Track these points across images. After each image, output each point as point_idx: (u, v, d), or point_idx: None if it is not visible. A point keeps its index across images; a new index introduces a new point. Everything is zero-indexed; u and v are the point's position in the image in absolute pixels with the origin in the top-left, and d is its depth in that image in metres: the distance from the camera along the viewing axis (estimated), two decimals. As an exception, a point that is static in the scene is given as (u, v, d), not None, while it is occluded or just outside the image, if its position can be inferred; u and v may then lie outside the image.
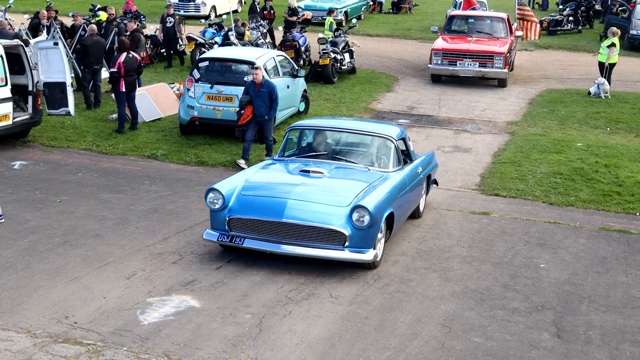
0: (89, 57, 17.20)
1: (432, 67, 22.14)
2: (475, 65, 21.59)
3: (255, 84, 14.02)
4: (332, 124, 11.97)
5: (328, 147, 11.38)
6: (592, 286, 9.60)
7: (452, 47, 22.05)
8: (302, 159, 11.09)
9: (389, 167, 10.89)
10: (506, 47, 21.82)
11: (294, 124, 11.76)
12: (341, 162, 10.91)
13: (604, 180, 13.81)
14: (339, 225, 9.46)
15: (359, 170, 10.71)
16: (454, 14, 24.68)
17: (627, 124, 18.12)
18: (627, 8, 30.54)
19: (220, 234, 9.84)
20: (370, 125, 11.96)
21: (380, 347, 7.86)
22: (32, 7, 33.31)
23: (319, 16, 32.73)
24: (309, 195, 9.79)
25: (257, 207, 9.75)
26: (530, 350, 7.94)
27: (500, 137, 16.91)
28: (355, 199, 9.71)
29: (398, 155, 11.10)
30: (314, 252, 9.48)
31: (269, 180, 10.54)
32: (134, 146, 15.13)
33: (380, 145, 11.19)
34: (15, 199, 11.97)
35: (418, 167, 11.58)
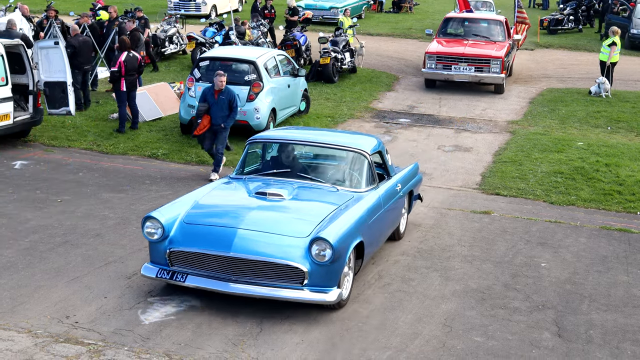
0: (79, 58, 16.96)
1: (425, 71, 21.26)
2: (471, 69, 20.70)
3: (215, 91, 13.12)
4: (297, 137, 10.50)
5: (292, 163, 10.12)
6: (593, 285, 9.60)
7: (447, 50, 21.21)
8: (262, 177, 9.87)
9: (361, 187, 9.66)
10: (503, 51, 20.97)
11: (254, 136, 10.48)
12: (306, 181, 9.63)
13: (605, 179, 13.80)
14: (296, 260, 8.17)
15: (326, 191, 9.46)
16: (450, 16, 23.79)
17: (628, 123, 18.12)
18: (628, 7, 30.52)
19: (160, 269, 8.59)
20: (342, 138, 10.54)
21: (381, 347, 7.86)
22: (32, 6, 33.31)
23: (320, 15, 32.75)
24: (263, 223, 8.53)
25: (201, 238, 8.48)
26: (531, 350, 7.94)
27: (501, 137, 16.91)
28: (317, 228, 8.44)
29: (372, 173, 9.88)
30: (268, 291, 8.21)
31: (218, 205, 9.30)
32: (135, 146, 15.13)
33: (351, 161, 9.92)
34: (16, 199, 11.97)
35: (397, 185, 10.43)
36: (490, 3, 31.05)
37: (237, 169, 10.14)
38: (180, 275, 8.45)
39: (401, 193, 10.54)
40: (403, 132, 17.20)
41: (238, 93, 15.23)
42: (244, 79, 15.52)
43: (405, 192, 10.76)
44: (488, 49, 21.06)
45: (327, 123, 17.43)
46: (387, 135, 16.85)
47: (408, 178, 11.06)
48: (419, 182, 11.66)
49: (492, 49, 21.09)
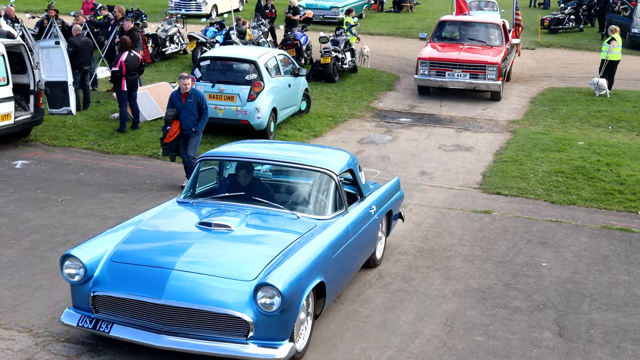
0: (79, 58, 16.93)
1: (418, 77, 20.23)
2: (466, 76, 19.69)
3: (182, 95, 12.50)
4: (254, 154, 9.13)
5: (248, 184, 8.91)
6: (594, 285, 9.60)
7: (440, 56, 20.17)
8: (213, 201, 8.66)
9: (326, 213, 8.46)
10: (500, 56, 19.95)
11: (206, 153, 9.34)
12: (262, 207, 8.41)
13: (606, 178, 13.80)
14: (239, 309, 6.93)
15: (285, 219, 8.26)
16: (445, 20, 22.56)
17: (629, 123, 18.11)
18: (629, 6, 30.52)
19: (83, 315, 7.38)
20: (307, 155, 9.20)
21: (382, 346, 7.86)
22: (33, 6, 33.32)
23: (321, 15, 32.75)
24: (203, 262, 7.30)
25: (130, 281, 7.25)
26: (532, 349, 7.94)
27: (502, 136, 16.91)
28: (266, 269, 7.20)
29: (340, 195, 8.68)
30: (206, 345, 7.00)
31: (155, 238, 8.03)
32: (136, 145, 15.13)
33: (316, 182, 8.71)
34: (17, 198, 11.98)
35: (371, 207, 9.32)
36: (493, 3, 30.97)
37: (186, 191, 8.90)
38: (104, 325, 7.24)
39: (376, 216, 9.43)
40: (404, 131, 17.20)
41: (239, 92, 15.32)
42: (245, 79, 15.53)
43: (382, 214, 9.69)
44: (484, 55, 20.08)
45: (328, 122, 17.44)
46: (388, 134, 16.85)
47: (386, 197, 9.99)
48: (400, 200, 10.66)
49: (489, 54, 20.08)
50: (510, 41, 21.62)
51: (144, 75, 18.54)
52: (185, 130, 12.57)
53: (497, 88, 19.82)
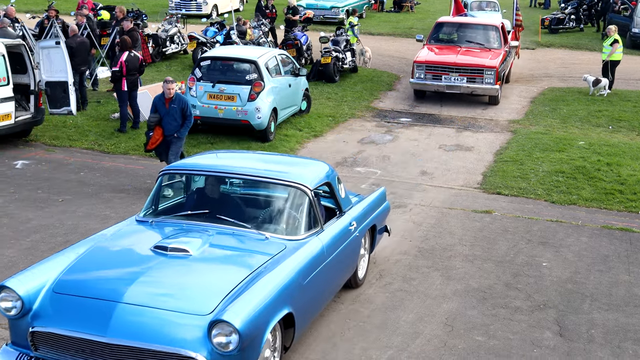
0: (75, 59, 16.78)
1: (414, 81, 19.59)
2: (463, 80, 19.10)
3: (165, 100, 12.18)
4: (220, 167, 8.31)
5: (213, 201, 8.16)
6: (595, 285, 9.60)
7: (437, 59, 19.57)
8: (174, 220, 7.83)
9: (298, 233, 7.68)
10: (498, 59, 19.40)
11: (168, 166, 8.73)
12: (228, 227, 7.57)
13: (606, 178, 13.80)
14: (193, 348, 6.10)
15: (252, 240, 7.45)
16: (442, 21, 21.91)
17: (629, 122, 18.11)
18: (629, 6, 30.52)
19: (21, 354, 6.53)
20: (279, 167, 8.38)
21: (382, 346, 7.86)
22: (33, 6, 33.32)
23: (321, 15, 32.76)
24: (154, 294, 6.43)
25: (72, 315, 6.38)
26: (532, 349, 7.94)
27: (502, 136, 16.91)
28: (224, 301, 6.33)
29: (314, 213, 7.91)
30: None
31: (105, 264, 7.10)
32: (136, 145, 15.12)
33: (287, 198, 7.94)
34: (17, 198, 11.98)
35: (351, 223, 8.58)
36: (495, 3, 30.93)
37: (146, 208, 8.06)
38: None
39: (357, 233, 8.70)
40: (404, 131, 17.19)
41: (239, 92, 15.32)
42: (245, 79, 15.53)
43: (364, 230, 9.02)
44: (481, 58, 19.49)
45: (328, 122, 17.44)
46: (388, 134, 16.85)
47: (369, 211, 9.31)
48: (386, 212, 9.99)
49: (487, 57, 19.51)
50: (509, 43, 21.17)
51: (145, 76, 18.54)
52: (167, 135, 12.28)
53: (495, 92, 19.27)
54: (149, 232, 7.65)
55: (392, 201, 12.45)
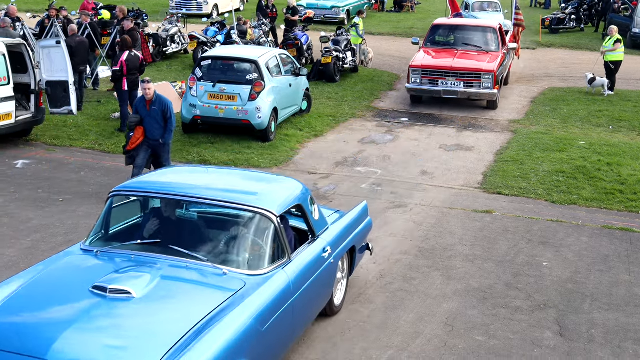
0: (75, 58, 16.76)
1: (410, 86, 19.07)
2: (460, 84, 18.57)
3: (146, 102, 11.80)
4: (175, 187, 7.34)
5: (167, 227, 7.28)
6: (595, 284, 9.60)
7: (433, 63, 19.05)
8: (122, 250, 6.89)
9: (260, 266, 6.79)
10: (496, 63, 18.91)
11: (118, 187, 7.58)
12: (182, 259, 6.66)
13: (607, 178, 13.80)
14: None
15: (207, 276, 6.52)
16: (438, 23, 21.33)
17: (630, 122, 18.11)
18: (630, 6, 30.52)
19: None
20: (242, 190, 7.40)
21: (383, 346, 7.86)
22: (34, 5, 33.34)
23: (322, 14, 32.77)
24: (83, 349, 5.48)
25: None
26: (532, 349, 7.94)
27: (503, 136, 16.91)
28: (168, 356, 5.47)
29: (280, 242, 7.02)
30: None
31: (34, 306, 6.12)
32: (137, 145, 15.12)
33: (250, 226, 7.04)
34: (17, 198, 11.99)
35: (325, 249, 7.75)
36: (496, 4, 30.87)
37: (94, 234, 7.19)
38: None
39: (332, 259, 7.89)
40: (405, 131, 17.19)
41: (240, 92, 15.31)
42: (246, 78, 15.53)
43: (341, 254, 8.22)
44: (479, 62, 19.01)
45: (328, 122, 17.44)
46: (389, 134, 16.85)
47: (347, 231, 8.50)
48: (367, 230, 9.22)
49: (484, 60, 19.03)
50: (507, 45, 20.70)
51: (145, 75, 18.55)
52: (151, 140, 11.85)
53: (493, 97, 18.79)
54: (91, 266, 6.71)
55: (393, 201, 12.47)
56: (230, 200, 7.09)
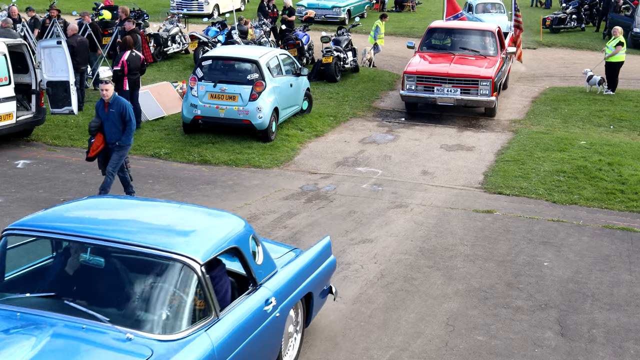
0: (76, 58, 16.75)
1: (404, 93, 18.21)
2: (456, 92, 17.74)
3: (104, 104, 11.23)
4: (78, 227, 6.05)
5: (66, 277, 6.00)
6: (596, 284, 9.60)
7: (429, 69, 18.26)
8: (7, 307, 5.59)
9: (177, 328, 5.51)
10: (494, 68, 18.16)
11: (13, 224, 6.22)
12: (77, 319, 5.39)
13: (608, 178, 13.79)
14: None
15: (108, 341, 5.28)
16: (434, 26, 20.42)
17: (631, 122, 18.10)
18: (631, 6, 30.50)
19: None
20: (162, 227, 6.20)
21: (384, 346, 7.87)
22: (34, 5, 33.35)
23: (322, 14, 32.77)
24: None
25: None
26: (534, 349, 7.94)
27: (504, 136, 16.90)
28: None
29: (206, 297, 5.72)
30: None
31: None
32: (137, 145, 15.13)
33: (165, 277, 5.69)
34: (18, 198, 11.99)
35: (268, 301, 6.40)
36: (500, 5, 30.62)
37: None
38: None
39: (278, 312, 6.51)
40: (405, 131, 17.19)
41: (240, 92, 15.32)
42: (247, 78, 15.53)
43: (291, 304, 6.85)
44: (476, 67, 18.21)
45: (329, 122, 17.45)
46: (390, 134, 16.85)
47: (301, 276, 7.11)
48: (330, 271, 7.89)
49: (482, 65, 18.25)
50: (506, 49, 19.99)
51: (146, 75, 18.56)
52: (109, 143, 11.36)
53: (491, 104, 17.99)
54: None
55: (394, 201, 12.46)
56: (142, 243, 5.70)
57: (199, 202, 12.05)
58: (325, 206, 12.13)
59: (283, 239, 10.61)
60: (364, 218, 11.63)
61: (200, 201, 12.06)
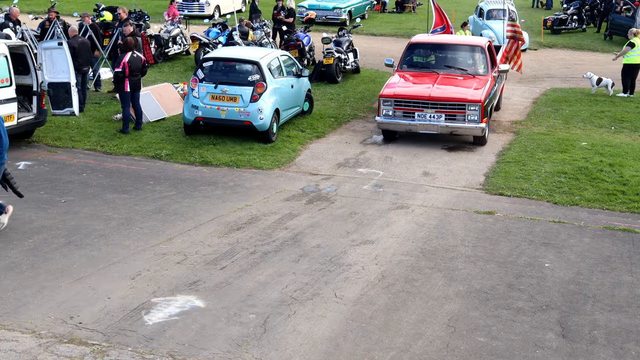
0: (78, 59, 16.82)
1: (380, 120, 15.90)
2: (440, 118, 15.47)
3: None
4: None
5: None
6: (597, 285, 9.59)
7: (408, 92, 15.94)
8: None
9: None
10: (484, 90, 15.83)
11: None
12: None
13: (609, 179, 13.79)
14: None
15: None
16: (416, 42, 17.99)
17: (632, 123, 18.10)
18: (632, 7, 30.48)
19: None
20: None
21: (385, 347, 7.86)
22: (36, 7, 33.38)
23: (323, 15, 32.78)
24: None
25: None
26: (535, 350, 7.93)
27: (505, 137, 16.89)
28: None
29: None
30: None
31: None
32: (138, 146, 15.14)
33: None
34: (20, 200, 11.97)
35: None
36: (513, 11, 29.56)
37: None
38: None
39: None
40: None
41: (241, 93, 15.32)
42: (248, 80, 15.54)
43: None
44: (463, 89, 15.96)
45: (330, 123, 17.44)
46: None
47: None
48: None
49: (470, 87, 15.96)
50: (497, 66, 17.62)
51: (147, 77, 18.57)
52: None
53: (480, 132, 15.61)
54: None
55: (395, 202, 12.46)
56: None
57: (200, 203, 12.07)
58: (326, 207, 12.13)
59: (284, 240, 10.62)
60: (365, 219, 11.62)
61: (202, 202, 12.07)
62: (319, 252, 10.26)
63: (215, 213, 11.65)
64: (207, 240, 10.46)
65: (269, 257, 9.99)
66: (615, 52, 21.25)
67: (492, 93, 16.36)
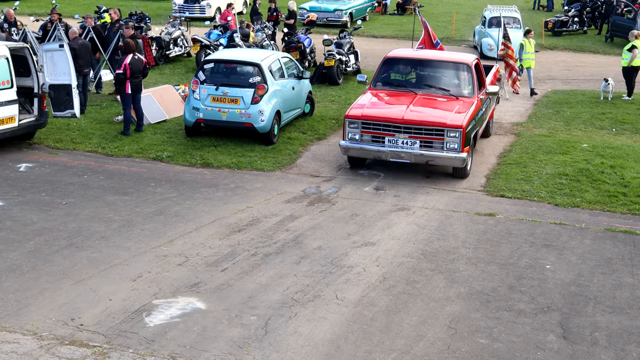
0: (78, 61, 16.77)
1: (345, 144, 13.83)
2: (415, 144, 13.41)
3: None
4: None
5: None
6: (598, 287, 9.58)
7: (377, 113, 13.87)
8: None
9: None
10: (467, 114, 13.74)
11: None
12: None
13: (610, 181, 13.78)
14: None
15: None
16: (393, 56, 15.72)
17: (633, 125, 18.09)
18: (633, 9, 30.46)
19: None
20: None
21: (386, 349, 7.86)
22: (37, 9, 33.41)
23: (324, 17, 32.79)
24: None
25: None
26: (536, 352, 7.93)
27: (506, 138, 16.89)
28: None
29: None
30: None
31: None
32: (140, 148, 15.14)
33: None
34: (21, 201, 11.99)
35: None
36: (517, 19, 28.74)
37: None
38: None
39: None
40: (407, 134, 17.17)
41: (243, 95, 15.33)
42: (249, 82, 15.54)
43: None
44: (443, 112, 13.88)
45: (331, 125, 17.44)
46: (392, 137, 16.82)
47: None
48: None
49: (451, 110, 13.87)
50: (486, 88, 15.44)
51: (148, 79, 18.55)
52: None
53: (461, 163, 13.52)
54: None
55: (396, 204, 12.46)
56: None
57: (201, 205, 12.07)
58: (328, 209, 12.13)
59: (285, 241, 10.62)
60: (366, 221, 11.63)
61: (203, 204, 12.07)
62: (320, 253, 10.26)
63: (216, 215, 11.65)
64: (208, 242, 10.46)
65: (270, 259, 9.99)
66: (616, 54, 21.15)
67: (477, 118, 14.30)
